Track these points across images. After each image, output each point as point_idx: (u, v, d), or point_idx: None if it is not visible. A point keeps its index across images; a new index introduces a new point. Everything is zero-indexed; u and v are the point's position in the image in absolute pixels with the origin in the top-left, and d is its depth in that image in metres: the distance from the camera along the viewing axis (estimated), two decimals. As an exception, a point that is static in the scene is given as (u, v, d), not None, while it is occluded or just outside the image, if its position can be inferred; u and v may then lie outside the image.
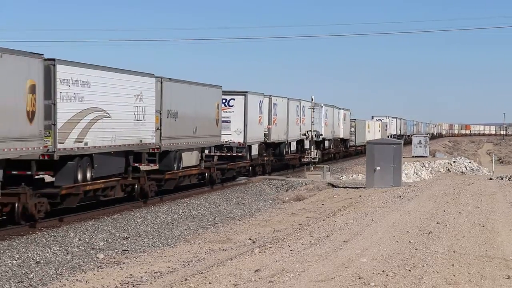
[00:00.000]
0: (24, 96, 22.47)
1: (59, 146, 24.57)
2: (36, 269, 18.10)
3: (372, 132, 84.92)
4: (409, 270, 15.05)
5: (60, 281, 16.62)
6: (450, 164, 55.52)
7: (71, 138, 25.34)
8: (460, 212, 25.25)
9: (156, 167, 33.25)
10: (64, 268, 18.29)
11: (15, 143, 22.08)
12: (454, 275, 14.67)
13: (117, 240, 22.85)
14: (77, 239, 22.51)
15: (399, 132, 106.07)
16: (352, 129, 77.86)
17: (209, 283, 14.50)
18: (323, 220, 24.74)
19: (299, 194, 37.77)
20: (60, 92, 24.66)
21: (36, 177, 25.64)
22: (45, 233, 23.14)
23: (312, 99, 56.48)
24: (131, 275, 17.05)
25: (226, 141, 42.16)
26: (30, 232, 23.12)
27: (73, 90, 25.38)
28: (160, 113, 32.20)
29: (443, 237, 19.69)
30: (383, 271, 14.93)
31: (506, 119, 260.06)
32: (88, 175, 26.77)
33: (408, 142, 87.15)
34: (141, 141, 30.36)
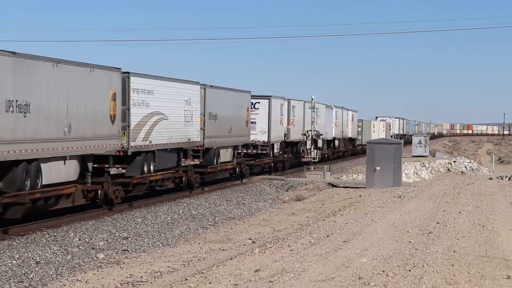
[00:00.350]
0: (108, 103, 27.82)
1: (131, 143, 29.80)
2: (36, 269, 18.10)
3: (377, 132, 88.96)
4: (409, 270, 15.05)
5: (60, 281, 16.62)
6: (450, 164, 55.53)
7: (139, 137, 30.54)
8: (460, 212, 25.26)
9: (194, 162, 38.53)
10: (64, 268, 18.29)
11: (102, 141, 27.40)
12: (454, 275, 14.67)
13: (117, 240, 22.85)
14: (77, 239, 22.52)
15: (401, 132, 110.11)
16: (359, 129, 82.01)
17: (209, 283, 14.51)
18: (323, 220, 24.74)
19: (299, 194, 37.78)
20: (132, 99, 29.92)
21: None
22: (45, 233, 23.15)
23: (312, 99, 56.66)
24: (131, 275, 17.06)
25: (252, 140, 46.72)
26: (30, 232, 23.13)
27: (141, 97, 30.74)
28: (204, 115, 37.52)
29: (443, 237, 19.69)
30: (383, 271, 14.93)
31: (506, 119, 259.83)
32: (152, 168, 32.01)
33: (410, 141, 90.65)
34: (189, 139, 35.54)
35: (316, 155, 56.75)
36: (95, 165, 28.30)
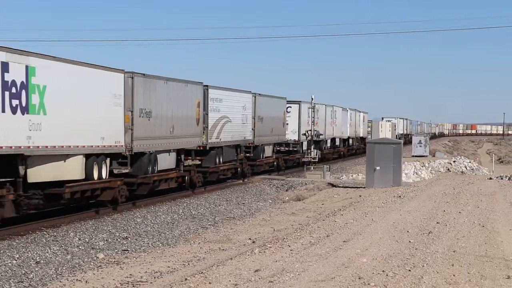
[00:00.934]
0: (195, 109, 36.57)
1: (208, 140, 38.57)
2: (36, 269, 18.09)
3: (384, 132, 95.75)
4: (409, 270, 15.05)
5: (60, 281, 16.62)
6: (450, 163, 55.54)
7: (213, 136, 39.35)
8: (460, 212, 25.27)
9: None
10: (64, 268, 18.29)
11: (190, 139, 36.12)
12: (454, 275, 14.68)
13: (117, 240, 22.85)
14: (77, 239, 22.51)
15: (405, 132, 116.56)
16: (369, 129, 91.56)
17: (209, 283, 14.51)
18: (323, 220, 24.75)
19: (299, 194, 37.78)
20: (210, 106, 38.76)
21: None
22: (45, 233, 23.15)
23: (312, 99, 56.92)
24: (131, 275, 17.06)
25: (289, 140, 56.46)
26: (30, 232, 23.13)
27: (215, 104, 39.55)
28: (254, 118, 45.96)
29: (443, 237, 19.70)
30: (383, 271, 14.93)
31: (506, 119, 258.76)
32: (221, 160, 40.65)
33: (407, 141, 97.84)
34: (244, 138, 44.48)
35: (316, 155, 56.81)
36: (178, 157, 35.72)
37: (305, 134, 56.42)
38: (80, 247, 21.30)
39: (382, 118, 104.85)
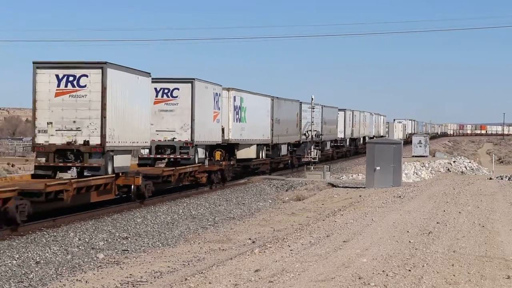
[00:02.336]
0: (296, 118, 58.25)
1: (302, 138, 59.08)
2: (36, 269, 18.09)
3: (397, 131, 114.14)
4: (409, 270, 15.05)
5: (60, 281, 16.62)
6: (450, 164, 55.53)
7: (277, 136, 52.71)
8: (460, 212, 25.26)
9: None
10: (64, 268, 18.29)
11: (294, 136, 57.71)
12: (454, 275, 14.67)
13: (117, 240, 22.85)
14: (77, 239, 22.51)
15: (413, 131, 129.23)
16: (386, 129, 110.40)
17: (209, 283, 14.50)
18: (323, 220, 24.75)
19: (299, 194, 37.78)
20: (302, 115, 60.13)
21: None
22: (45, 233, 23.14)
23: (312, 99, 57.04)
24: (131, 275, 17.06)
25: (338, 138, 76.20)
26: (30, 232, 23.13)
27: (303, 113, 59.63)
28: (272, 120, 51.99)
29: (443, 237, 19.69)
30: (383, 271, 14.93)
31: (506, 119, 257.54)
32: (283, 153, 55.91)
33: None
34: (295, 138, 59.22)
35: (316, 155, 56.83)
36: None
37: (305, 134, 56.46)
38: (80, 247, 21.30)
39: (394, 120, 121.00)
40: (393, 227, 21.54)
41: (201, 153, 38.06)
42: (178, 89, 36.11)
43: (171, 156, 36.18)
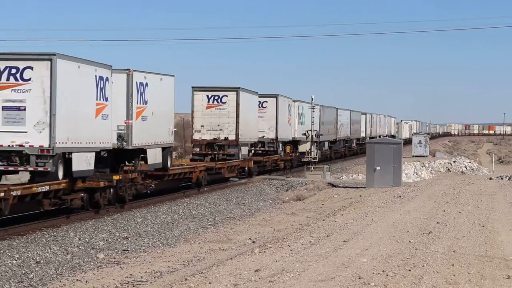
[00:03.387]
0: (334, 121, 73.74)
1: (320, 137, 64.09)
2: (36, 269, 18.09)
3: (405, 131, 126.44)
4: (409, 270, 15.05)
5: (60, 281, 16.62)
6: (450, 164, 55.54)
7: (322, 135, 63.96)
8: (460, 212, 25.26)
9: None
10: (64, 268, 18.29)
11: (333, 135, 72.46)
12: (454, 275, 14.67)
13: (117, 240, 22.85)
14: (77, 239, 22.51)
15: (418, 131, 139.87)
16: (397, 129, 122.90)
17: (209, 283, 14.51)
18: (323, 220, 24.75)
19: (299, 194, 37.78)
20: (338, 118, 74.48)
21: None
22: (45, 233, 23.14)
23: (312, 99, 56.93)
24: (131, 274, 17.06)
25: (361, 136, 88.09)
26: (30, 232, 23.13)
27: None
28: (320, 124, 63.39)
29: (443, 237, 19.69)
30: (383, 271, 14.93)
31: (506, 119, 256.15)
32: (326, 148, 67.07)
33: None
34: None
35: (316, 155, 56.84)
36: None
37: (305, 134, 56.46)
38: (80, 247, 21.30)
39: (401, 121, 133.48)
40: (393, 227, 21.54)
41: (244, 150, 44.55)
42: (226, 96, 42.52)
43: (220, 152, 42.57)
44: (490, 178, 45.75)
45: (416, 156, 66.39)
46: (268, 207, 33.11)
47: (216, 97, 42.29)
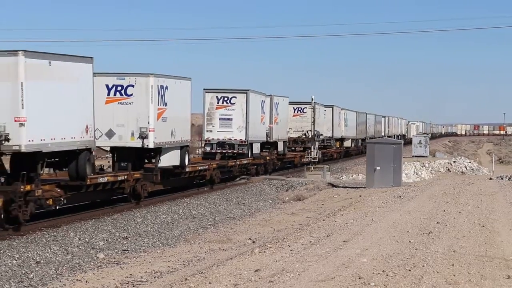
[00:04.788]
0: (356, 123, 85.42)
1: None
2: (36, 269, 18.10)
3: (413, 131, 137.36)
4: (409, 270, 15.05)
5: (60, 281, 16.62)
6: (450, 164, 55.52)
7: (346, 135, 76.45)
8: (460, 212, 25.26)
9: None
10: (64, 268, 18.29)
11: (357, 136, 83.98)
12: (454, 275, 14.68)
13: (117, 240, 22.85)
14: (77, 239, 22.51)
15: (424, 131, 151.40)
16: (406, 129, 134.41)
17: (209, 283, 14.51)
18: (323, 220, 24.75)
19: (299, 194, 37.77)
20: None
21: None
22: (45, 233, 23.14)
23: (312, 99, 56.93)
24: (131, 274, 17.06)
25: (381, 135, 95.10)
26: (30, 232, 23.12)
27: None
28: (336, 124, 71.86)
29: (443, 237, 19.69)
30: (383, 271, 14.93)
31: (506, 119, 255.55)
32: (348, 145, 77.29)
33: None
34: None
35: (316, 155, 56.82)
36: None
37: (305, 134, 56.42)
38: (80, 247, 21.30)
39: (409, 122, 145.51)
40: (393, 227, 21.54)
41: (255, 148, 46.92)
42: (235, 97, 44.15)
43: (229, 151, 44.46)
44: (490, 178, 45.74)
45: (416, 156, 66.38)
46: (268, 207, 33.11)
47: (226, 98, 44.28)
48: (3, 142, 21.72)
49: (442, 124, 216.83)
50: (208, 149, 44.17)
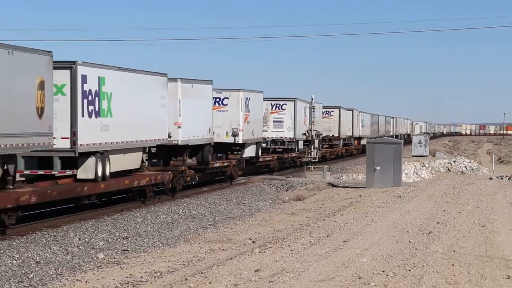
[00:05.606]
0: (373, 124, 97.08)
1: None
2: (36, 269, 18.09)
3: (417, 130, 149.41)
4: (409, 270, 15.06)
5: (60, 281, 16.61)
6: (450, 163, 55.49)
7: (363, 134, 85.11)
8: (460, 212, 25.26)
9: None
10: (64, 268, 18.28)
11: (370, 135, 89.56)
12: (454, 275, 14.68)
13: (117, 240, 22.85)
14: (77, 239, 22.51)
15: (426, 131, 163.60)
16: (411, 129, 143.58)
17: (209, 283, 14.51)
18: (323, 220, 24.75)
19: (299, 194, 37.76)
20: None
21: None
22: (45, 233, 23.15)
23: (312, 99, 56.98)
24: (131, 275, 17.05)
25: (391, 134, 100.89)
26: (30, 232, 23.13)
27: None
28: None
29: (443, 237, 19.69)
30: (383, 271, 14.93)
31: (506, 119, 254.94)
32: (364, 143, 70.43)
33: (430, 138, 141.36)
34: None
35: (316, 155, 56.83)
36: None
37: (305, 134, 56.45)
38: (80, 247, 21.30)
39: (413, 122, 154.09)
40: (393, 227, 21.54)
41: (300, 144, 56.51)
42: (286, 104, 54.51)
43: (281, 147, 54.40)
44: (490, 178, 45.72)
45: (416, 156, 66.37)
46: (268, 207, 33.10)
47: (278, 105, 54.74)
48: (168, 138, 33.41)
49: (444, 124, 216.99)
50: (263, 145, 51.70)
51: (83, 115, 25.97)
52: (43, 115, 23.48)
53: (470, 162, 58.40)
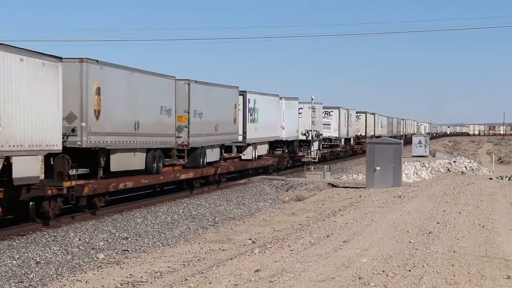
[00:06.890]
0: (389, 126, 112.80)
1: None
2: (36, 269, 18.10)
3: (421, 130, 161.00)
4: (409, 270, 15.06)
5: (60, 281, 16.62)
6: (450, 164, 55.53)
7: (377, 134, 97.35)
8: (460, 212, 25.26)
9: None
10: (64, 268, 18.29)
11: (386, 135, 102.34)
12: (454, 275, 14.68)
13: (117, 240, 22.85)
14: (77, 239, 22.52)
15: (429, 131, 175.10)
16: (417, 129, 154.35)
17: (209, 283, 14.51)
18: (323, 220, 24.75)
19: (299, 194, 37.76)
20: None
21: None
22: (45, 233, 23.15)
23: (312, 99, 57.03)
24: (131, 275, 17.06)
25: (400, 134, 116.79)
26: (30, 232, 23.14)
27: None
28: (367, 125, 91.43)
29: (443, 237, 19.69)
30: (383, 271, 14.94)
31: (506, 119, 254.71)
32: None
33: (432, 137, 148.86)
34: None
35: (316, 155, 56.86)
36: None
37: (305, 134, 56.48)
38: (80, 247, 21.30)
39: (417, 123, 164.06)
40: (393, 227, 21.54)
41: (343, 141, 73.46)
42: (332, 111, 70.78)
43: (328, 143, 69.95)
44: (490, 178, 45.71)
45: (416, 156, 66.39)
46: (268, 207, 33.10)
47: (326, 112, 69.07)
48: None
49: (448, 124, 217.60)
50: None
51: (248, 122, 45.21)
52: (235, 123, 42.76)
53: (470, 162, 58.46)
